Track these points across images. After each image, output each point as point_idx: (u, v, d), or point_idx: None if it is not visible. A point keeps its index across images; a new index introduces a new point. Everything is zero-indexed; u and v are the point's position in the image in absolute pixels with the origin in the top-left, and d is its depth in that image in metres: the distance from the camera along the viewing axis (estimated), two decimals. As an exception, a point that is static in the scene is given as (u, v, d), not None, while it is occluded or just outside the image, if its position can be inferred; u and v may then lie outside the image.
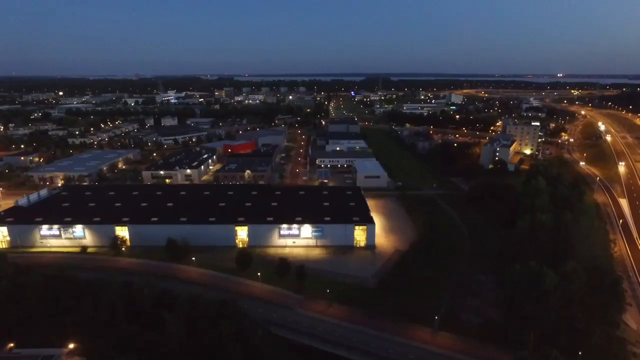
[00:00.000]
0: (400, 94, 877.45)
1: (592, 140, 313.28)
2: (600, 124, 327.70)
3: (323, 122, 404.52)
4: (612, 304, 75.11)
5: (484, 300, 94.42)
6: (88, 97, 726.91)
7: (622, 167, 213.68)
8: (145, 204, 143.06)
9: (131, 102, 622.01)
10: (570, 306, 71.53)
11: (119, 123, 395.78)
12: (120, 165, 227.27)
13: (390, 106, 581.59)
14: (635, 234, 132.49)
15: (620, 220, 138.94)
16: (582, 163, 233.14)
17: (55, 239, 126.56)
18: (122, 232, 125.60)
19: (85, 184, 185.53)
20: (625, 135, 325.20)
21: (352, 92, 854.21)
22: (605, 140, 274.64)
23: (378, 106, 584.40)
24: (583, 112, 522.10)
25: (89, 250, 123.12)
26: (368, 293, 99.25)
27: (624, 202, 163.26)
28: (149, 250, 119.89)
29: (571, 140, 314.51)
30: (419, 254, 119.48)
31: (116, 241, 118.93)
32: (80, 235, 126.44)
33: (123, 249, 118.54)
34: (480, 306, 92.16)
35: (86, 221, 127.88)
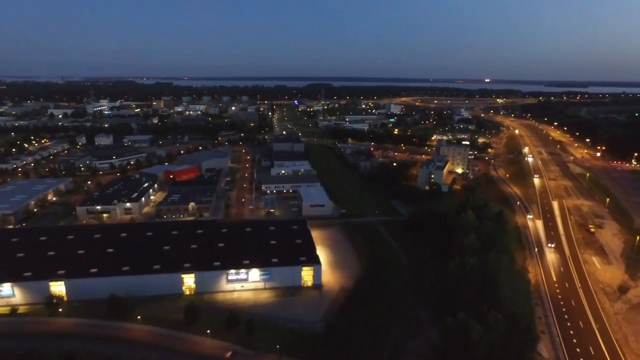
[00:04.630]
0: (343, 102, 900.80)
1: (514, 154, 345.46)
2: (525, 150, 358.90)
3: (267, 138, 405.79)
4: (527, 345, 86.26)
5: (423, 340, 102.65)
6: (7, 107, 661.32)
7: (536, 182, 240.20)
8: (82, 251, 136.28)
9: (59, 114, 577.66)
10: (493, 352, 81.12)
11: (45, 142, 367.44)
12: (50, 197, 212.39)
13: (334, 117, 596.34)
14: (548, 259, 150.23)
15: (536, 249, 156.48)
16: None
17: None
18: (58, 287, 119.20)
19: (11, 226, 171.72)
20: (542, 150, 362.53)
21: (296, 102, 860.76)
22: (527, 163, 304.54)
23: (321, 118, 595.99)
24: (507, 123, 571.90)
25: (20, 310, 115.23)
26: (316, 340, 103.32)
27: (539, 224, 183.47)
28: (89, 304, 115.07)
29: (496, 157, 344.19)
30: (363, 291, 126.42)
31: (51, 300, 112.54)
32: (9, 294, 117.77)
33: (60, 309, 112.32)
34: (420, 347, 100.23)
35: (15, 278, 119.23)
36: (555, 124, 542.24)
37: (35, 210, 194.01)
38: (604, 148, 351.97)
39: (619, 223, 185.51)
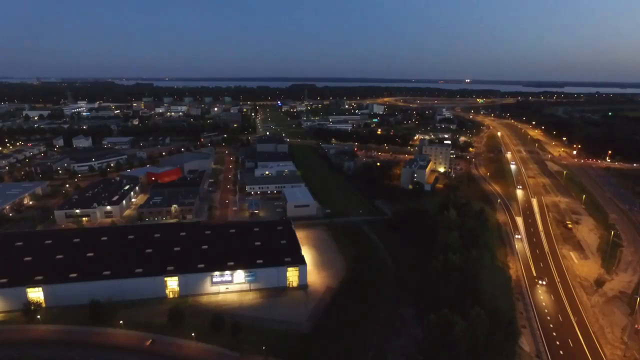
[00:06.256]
0: (326, 102, 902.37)
1: (494, 153, 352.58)
2: (508, 155, 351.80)
3: (250, 139, 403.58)
4: (509, 339, 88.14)
5: (408, 337, 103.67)
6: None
7: (519, 190, 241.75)
8: (61, 256, 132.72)
9: (34, 116, 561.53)
10: (476, 348, 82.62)
11: (21, 144, 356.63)
12: (26, 202, 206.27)
13: (317, 118, 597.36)
14: (528, 254, 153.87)
15: (517, 245, 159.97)
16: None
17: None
18: (36, 293, 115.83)
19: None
20: (521, 149, 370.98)
21: (279, 102, 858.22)
22: (508, 162, 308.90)
23: (305, 118, 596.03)
24: (487, 123, 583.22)
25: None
26: (303, 340, 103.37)
27: (519, 221, 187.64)
28: (69, 310, 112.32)
29: (477, 156, 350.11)
30: (349, 290, 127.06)
31: (29, 307, 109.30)
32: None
33: (38, 316, 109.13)
34: (405, 344, 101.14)
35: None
36: (533, 123, 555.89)
37: (10, 215, 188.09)
38: (579, 146, 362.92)
39: (594, 219, 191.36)
